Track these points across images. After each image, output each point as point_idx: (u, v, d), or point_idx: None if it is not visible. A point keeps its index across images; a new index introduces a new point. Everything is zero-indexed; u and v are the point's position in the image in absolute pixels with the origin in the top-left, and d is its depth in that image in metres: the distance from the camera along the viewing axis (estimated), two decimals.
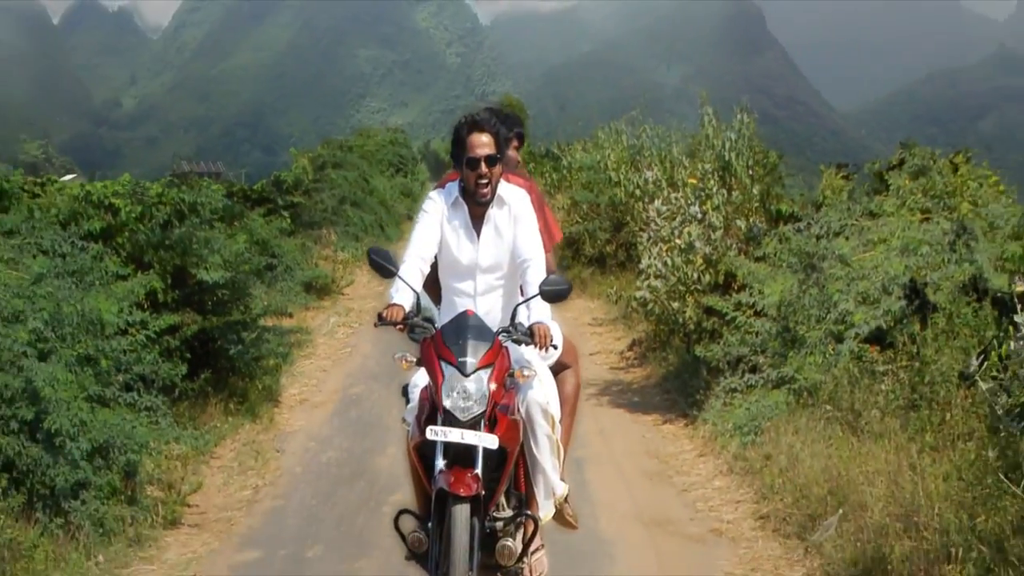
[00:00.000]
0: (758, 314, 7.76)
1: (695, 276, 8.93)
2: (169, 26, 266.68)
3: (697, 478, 6.71)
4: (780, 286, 7.69)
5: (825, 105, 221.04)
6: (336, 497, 6.45)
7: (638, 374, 9.97)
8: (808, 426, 6.26)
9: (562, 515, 4.31)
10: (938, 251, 7.10)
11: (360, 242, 18.46)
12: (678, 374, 8.98)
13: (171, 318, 7.09)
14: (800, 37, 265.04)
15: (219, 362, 8.14)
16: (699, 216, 9.18)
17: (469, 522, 3.52)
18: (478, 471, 3.58)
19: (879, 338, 6.56)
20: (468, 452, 3.61)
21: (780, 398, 6.85)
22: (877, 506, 4.90)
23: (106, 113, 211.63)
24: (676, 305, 9.10)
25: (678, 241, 9.17)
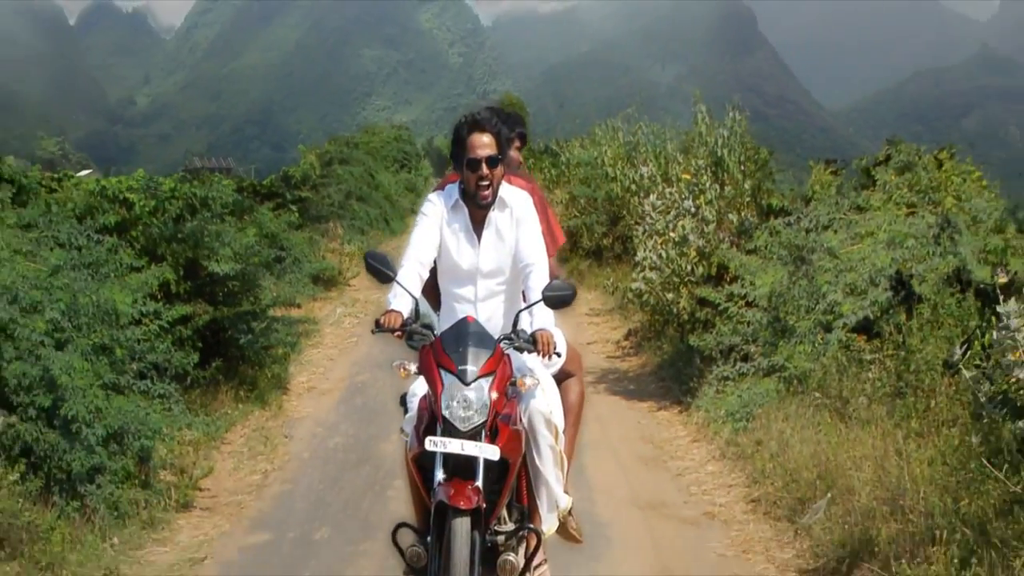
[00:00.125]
0: (750, 305, 7.87)
1: (689, 268, 9.07)
2: (182, 27, 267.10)
3: (691, 463, 6.80)
4: (771, 278, 7.79)
5: (814, 103, 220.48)
6: (343, 481, 6.53)
7: (634, 363, 10.07)
8: (798, 413, 6.34)
9: (566, 528, 4.09)
10: (923, 244, 7.19)
11: (366, 235, 18.57)
12: (672, 363, 9.07)
13: (183, 308, 7.14)
14: (790, 37, 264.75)
15: (230, 351, 8.22)
16: (693, 210, 9.31)
17: (470, 536, 3.31)
18: (479, 483, 3.39)
19: (866, 328, 6.64)
20: (468, 464, 3.40)
21: (771, 386, 6.95)
22: (864, 490, 4.96)
23: (121, 111, 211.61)
24: (670, 296, 9.24)
25: (672, 234, 9.30)
